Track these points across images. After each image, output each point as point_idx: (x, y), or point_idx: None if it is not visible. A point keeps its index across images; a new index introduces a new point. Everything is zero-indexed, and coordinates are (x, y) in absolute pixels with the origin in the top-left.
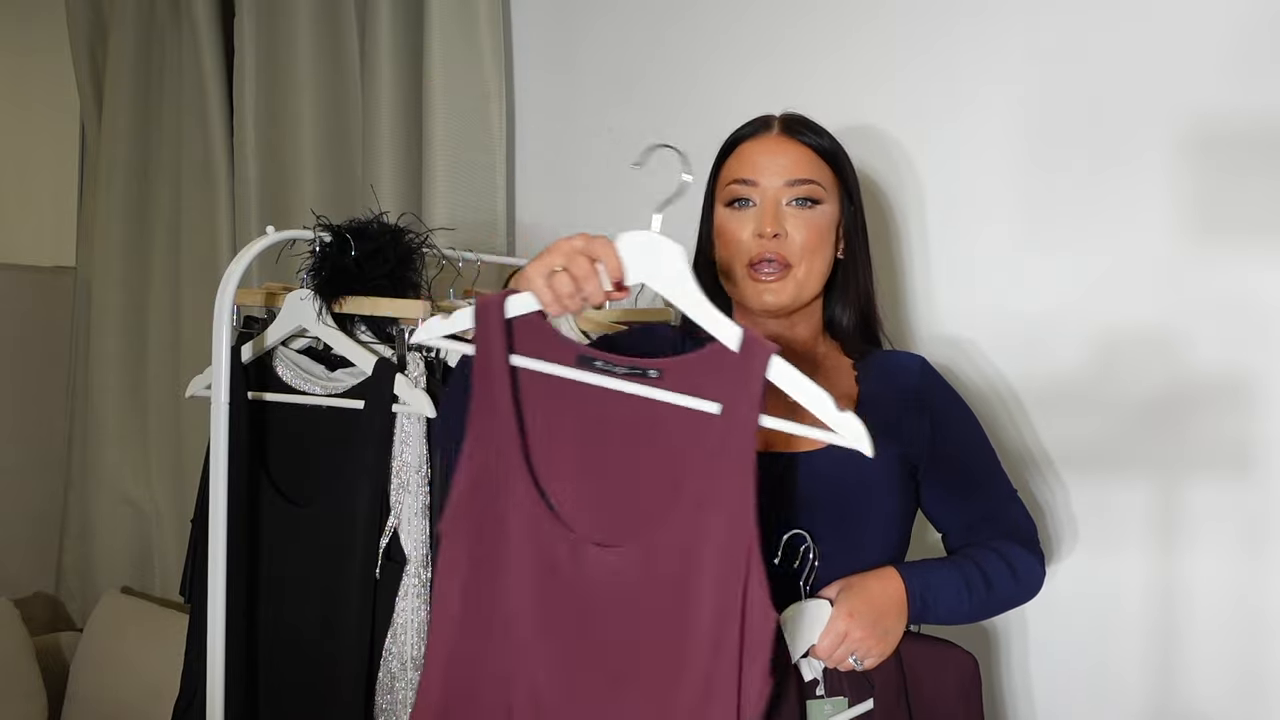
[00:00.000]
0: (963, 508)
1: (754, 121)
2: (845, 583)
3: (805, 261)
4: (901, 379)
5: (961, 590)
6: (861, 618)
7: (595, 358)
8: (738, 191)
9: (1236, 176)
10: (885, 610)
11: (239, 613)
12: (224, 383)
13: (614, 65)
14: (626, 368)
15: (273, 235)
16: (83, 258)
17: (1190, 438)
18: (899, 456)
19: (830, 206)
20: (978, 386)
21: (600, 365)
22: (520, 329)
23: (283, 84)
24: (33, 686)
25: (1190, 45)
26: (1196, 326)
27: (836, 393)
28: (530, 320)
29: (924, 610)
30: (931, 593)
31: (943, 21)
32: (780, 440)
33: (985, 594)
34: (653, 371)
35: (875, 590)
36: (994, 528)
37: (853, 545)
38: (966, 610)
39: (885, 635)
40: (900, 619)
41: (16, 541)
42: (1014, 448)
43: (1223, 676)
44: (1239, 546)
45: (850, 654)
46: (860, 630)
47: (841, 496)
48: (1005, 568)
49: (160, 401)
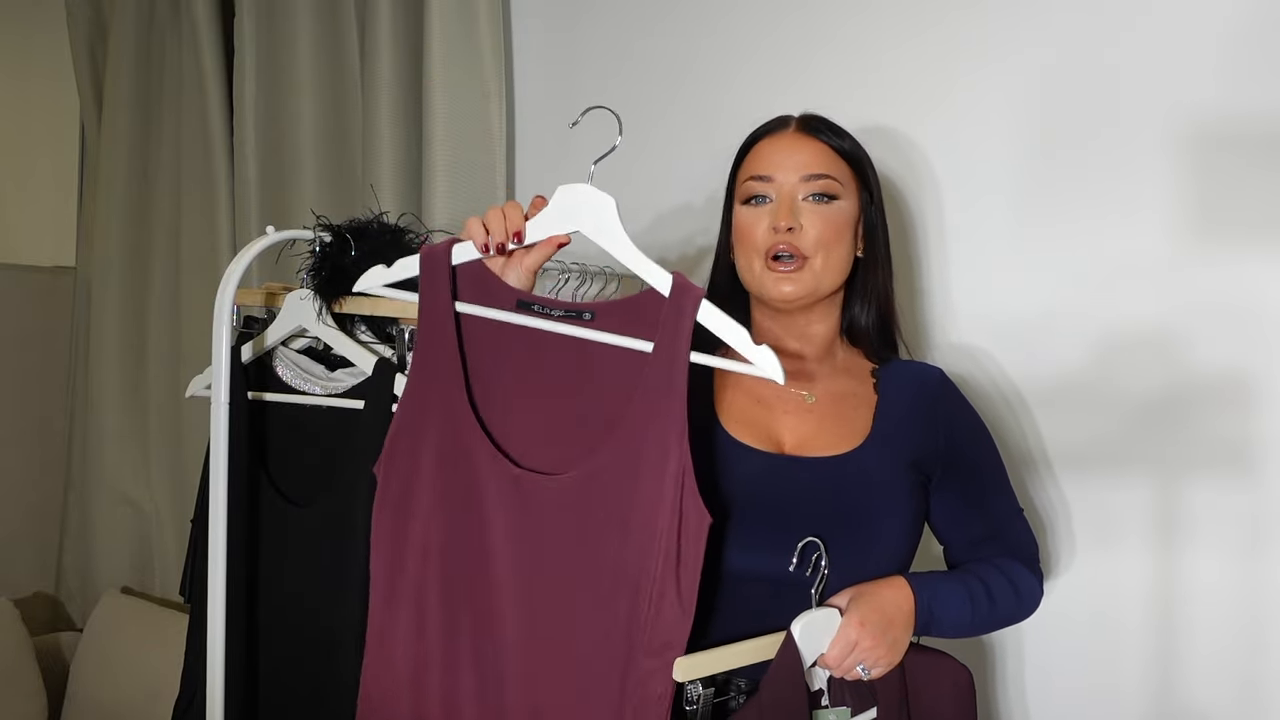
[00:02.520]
0: (969, 523)
1: (772, 121)
2: (855, 591)
3: (821, 254)
4: (919, 389)
5: (966, 604)
6: (872, 627)
7: (533, 301)
8: (754, 188)
9: (1238, 176)
10: (894, 620)
11: (239, 613)
12: (224, 383)
13: (614, 64)
14: (563, 310)
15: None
16: (83, 258)
17: (1190, 438)
18: (912, 465)
19: (848, 203)
20: (981, 386)
21: (538, 309)
22: (464, 278)
23: (283, 84)
24: (33, 686)
25: (1191, 45)
26: (1196, 326)
27: (856, 399)
28: (473, 269)
29: (929, 622)
30: (939, 605)
31: (939, 20)
32: (793, 443)
33: (988, 610)
34: (588, 314)
35: (886, 599)
36: (998, 544)
37: (861, 552)
38: (969, 624)
39: (893, 645)
40: (907, 629)
41: (16, 542)
42: (1015, 448)
43: (1222, 678)
44: (1239, 547)
45: (859, 663)
46: (870, 639)
47: (853, 502)
48: (1009, 586)
49: (160, 401)
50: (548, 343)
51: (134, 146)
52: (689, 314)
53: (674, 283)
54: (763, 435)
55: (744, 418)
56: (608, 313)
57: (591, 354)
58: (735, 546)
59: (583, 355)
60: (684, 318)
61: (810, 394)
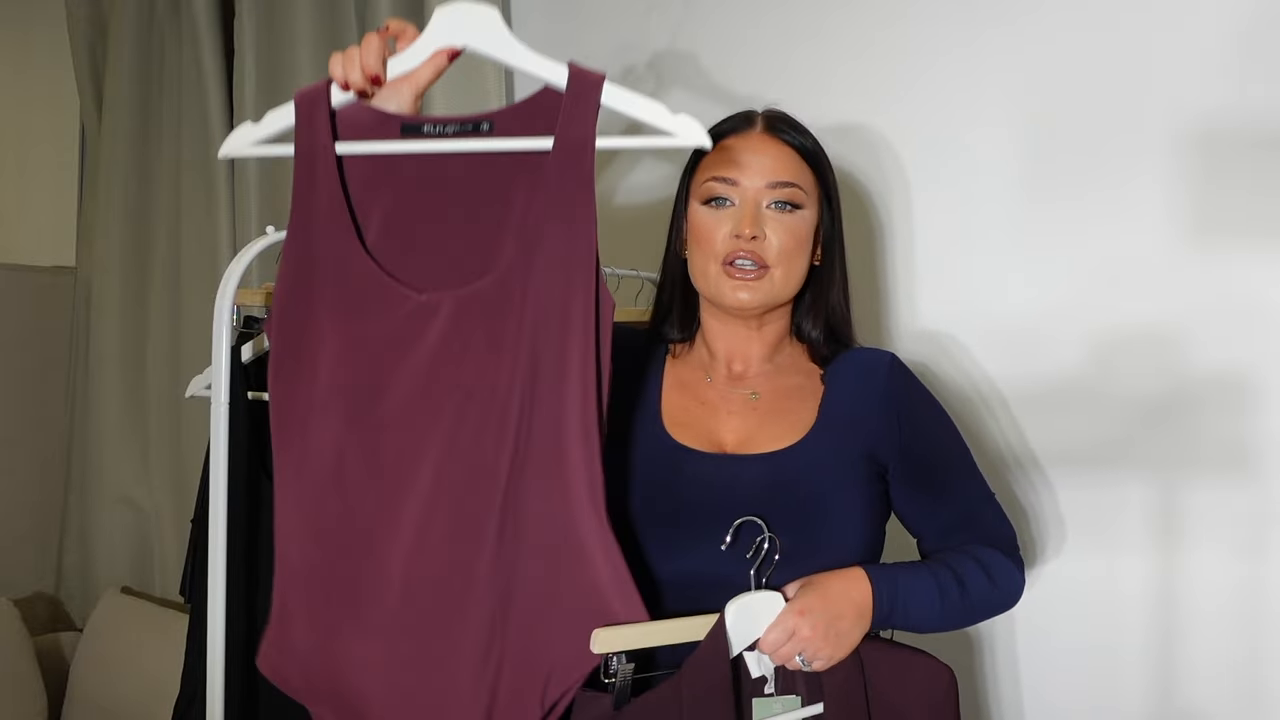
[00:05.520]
0: (936, 510)
1: (735, 117)
2: (806, 580)
3: (783, 265)
4: (869, 377)
5: (933, 595)
6: (813, 615)
7: (422, 123)
8: (716, 190)
9: (1235, 176)
10: (841, 612)
11: (239, 613)
12: (224, 383)
13: (614, 64)
14: (457, 126)
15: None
16: (83, 258)
17: (1190, 438)
18: (864, 456)
19: (810, 212)
20: (975, 387)
21: (428, 130)
22: (343, 119)
23: (283, 84)
24: (33, 686)
25: (1189, 44)
26: (1196, 326)
27: (802, 393)
28: (351, 109)
29: (891, 614)
30: (901, 596)
31: (935, 18)
32: (734, 442)
33: (960, 600)
34: (484, 124)
35: (834, 590)
36: (970, 532)
37: (810, 545)
38: (939, 616)
39: (839, 638)
40: (859, 622)
41: (16, 542)
42: (1012, 450)
43: (1222, 678)
44: (1239, 547)
45: (797, 653)
46: (809, 629)
47: (799, 494)
48: (981, 573)
49: (160, 401)
50: (445, 164)
51: (134, 146)
52: (591, 99)
53: (570, 72)
54: (704, 436)
55: (685, 419)
56: (505, 118)
57: (491, 168)
58: (678, 550)
59: (482, 171)
60: (585, 104)
61: (755, 393)
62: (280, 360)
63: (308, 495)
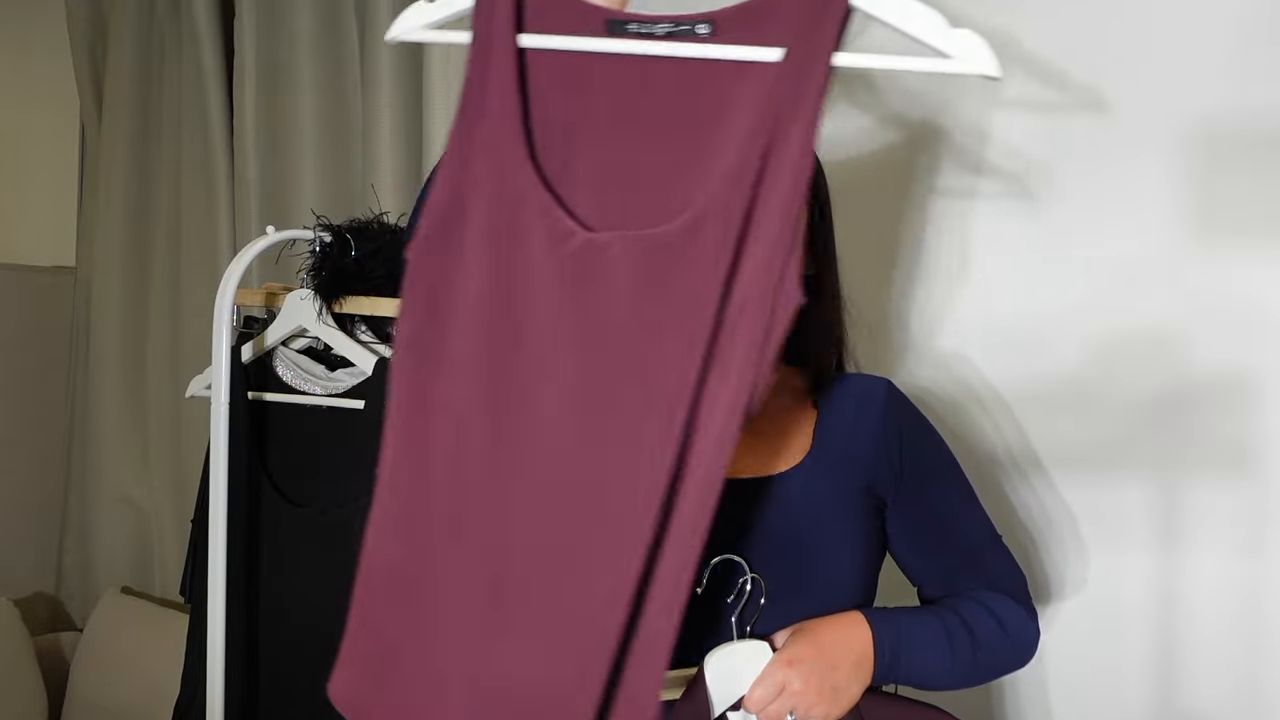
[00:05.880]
0: (937, 552)
1: None
2: (797, 627)
3: None
4: (864, 405)
5: (943, 645)
6: (805, 666)
7: (629, 20)
8: None
9: (1236, 176)
10: (837, 662)
11: (239, 612)
12: (224, 383)
13: None
14: (669, 25)
15: (273, 235)
16: (83, 258)
17: (1190, 438)
18: (861, 489)
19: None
20: (973, 388)
21: (635, 29)
22: (532, 7)
23: (283, 84)
24: (33, 686)
25: (1191, 44)
26: (1196, 326)
27: (792, 416)
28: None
29: (894, 665)
30: (905, 644)
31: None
32: None
33: (971, 651)
34: (702, 27)
35: (828, 638)
36: (976, 576)
37: (793, 584)
38: (949, 669)
39: (835, 693)
40: (858, 674)
41: (16, 542)
42: (1012, 451)
43: (1224, 678)
44: (1240, 546)
45: (788, 711)
46: (801, 683)
47: (783, 527)
48: (993, 622)
49: (160, 401)
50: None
51: (134, 146)
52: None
53: None
54: None
55: None
56: (729, 21)
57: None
58: None
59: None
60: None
61: None
62: (414, 293)
63: (413, 480)
